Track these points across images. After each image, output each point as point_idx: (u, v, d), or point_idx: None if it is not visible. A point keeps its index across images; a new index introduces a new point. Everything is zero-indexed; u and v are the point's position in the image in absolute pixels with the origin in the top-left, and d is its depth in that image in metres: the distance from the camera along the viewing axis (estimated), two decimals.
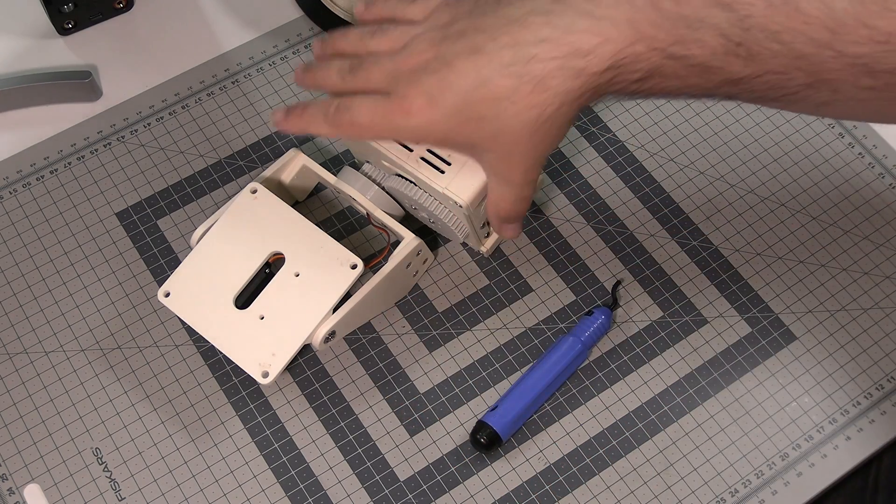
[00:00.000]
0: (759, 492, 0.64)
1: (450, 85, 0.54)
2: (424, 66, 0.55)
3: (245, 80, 0.79)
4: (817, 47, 0.49)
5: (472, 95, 0.54)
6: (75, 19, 0.80)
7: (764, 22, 0.50)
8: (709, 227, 0.73)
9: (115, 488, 0.64)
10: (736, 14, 0.50)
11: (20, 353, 0.68)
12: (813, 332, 0.69)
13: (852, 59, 0.49)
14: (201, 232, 0.66)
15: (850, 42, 0.49)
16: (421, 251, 0.67)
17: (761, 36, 0.50)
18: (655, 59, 0.51)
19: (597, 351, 0.68)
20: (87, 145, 0.76)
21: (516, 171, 0.57)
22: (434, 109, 0.55)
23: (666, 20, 0.51)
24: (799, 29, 0.49)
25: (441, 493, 0.64)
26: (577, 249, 0.72)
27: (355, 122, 0.58)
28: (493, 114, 0.54)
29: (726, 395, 0.67)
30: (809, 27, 0.49)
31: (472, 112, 0.54)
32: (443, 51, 0.55)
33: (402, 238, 0.66)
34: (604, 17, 0.51)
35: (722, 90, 0.53)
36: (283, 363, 0.63)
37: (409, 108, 0.56)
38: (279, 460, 0.65)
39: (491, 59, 0.53)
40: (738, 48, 0.50)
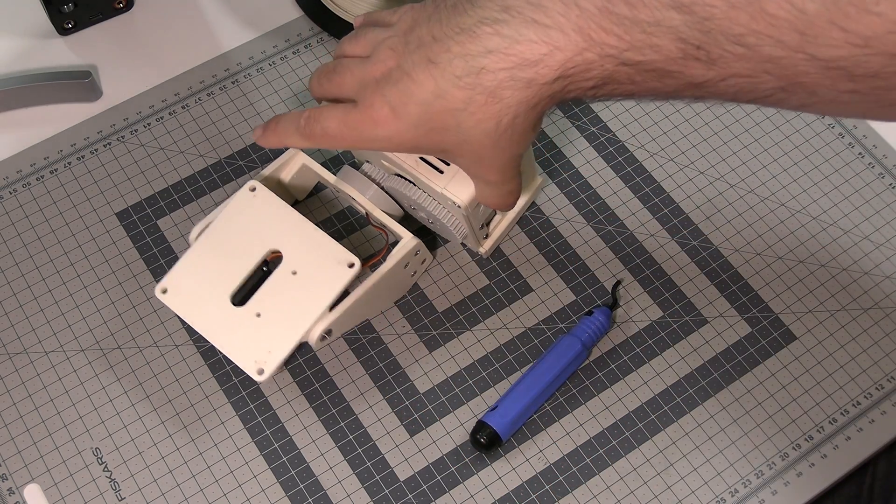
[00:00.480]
0: (759, 492, 0.64)
1: (411, 96, 0.54)
2: (388, 75, 0.55)
3: (245, 80, 0.79)
4: (787, 50, 0.46)
5: (432, 107, 0.54)
6: (75, 19, 0.80)
7: (725, 24, 0.47)
8: (709, 227, 0.73)
9: (115, 488, 0.64)
10: (695, 17, 0.47)
11: (20, 353, 0.68)
12: (813, 332, 0.69)
13: (827, 63, 0.46)
14: (199, 229, 0.66)
15: (823, 45, 0.45)
16: (419, 251, 0.67)
17: (722, 39, 0.47)
18: (608, 65, 0.50)
19: (597, 351, 0.68)
20: (87, 145, 0.76)
21: (491, 174, 0.58)
22: (399, 120, 0.55)
23: (618, 25, 0.49)
24: (765, 31, 0.46)
25: (441, 493, 0.64)
26: (577, 249, 0.72)
27: (326, 132, 0.58)
28: (454, 124, 0.54)
29: (726, 395, 0.67)
30: (776, 29, 0.46)
31: (435, 123, 0.54)
32: (403, 60, 0.55)
33: (401, 238, 0.66)
34: (551, 25, 0.50)
35: (686, 93, 0.50)
36: (278, 360, 0.63)
37: (376, 118, 0.56)
38: (279, 460, 0.65)
39: (444, 71, 0.53)
40: (697, 52, 0.48)
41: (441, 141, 0.56)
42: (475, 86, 0.52)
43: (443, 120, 0.54)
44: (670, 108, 0.78)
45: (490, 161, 0.56)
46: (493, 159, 0.56)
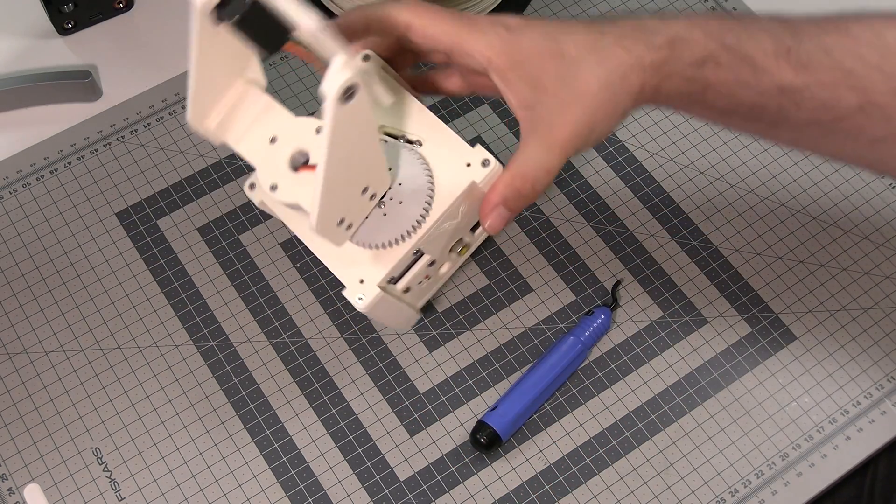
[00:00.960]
0: (759, 492, 0.64)
1: (544, 22, 0.57)
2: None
3: None
4: (866, 67, 0.53)
5: (560, 34, 0.56)
6: (75, 19, 0.80)
7: (815, 35, 0.54)
8: (709, 227, 0.73)
9: (115, 488, 0.64)
10: (789, 25, 0.55)
11: (20, 353, 0.68)
12: (813, 332, 0.69)
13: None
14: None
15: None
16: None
17: (811, 46, 0.54)
18: (711, 45, 0.55)
19: (597, 351, 0.68)
20: (87, 145, 0.76)
21: (564, 130, 0.56)
22: (528, 26, 0.56)
23: (719, 19, 0.56)
24: (848, 46, 0.53)
25: (441, 493, 0.64)
26: (577, 249, 0.72)
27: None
28: (572, 55, 0.55)
29: (726, 395, 0.67)
30: (859, 46, 0.53)
31: (557, 47, 0.56)
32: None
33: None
34: (666, 16, 0.57)
35: (773, 101, 0.55)
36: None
37: (506, 20, 0.56)
38: (279, 460, 0.65)
39: (574, 26, 0.57)
40: (788, 54, 0.54)
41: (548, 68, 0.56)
42: (604, 32, 0.56)
43: (565, 47, 0.56)
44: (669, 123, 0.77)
45: (573, 117, 0.56)
46: (578, 115, 0.56)
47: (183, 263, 0.71)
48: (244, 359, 0.68)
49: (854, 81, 0.53)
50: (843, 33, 0.54)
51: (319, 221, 0.52)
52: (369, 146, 0.54)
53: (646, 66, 0.55)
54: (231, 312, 0.69)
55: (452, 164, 0.57)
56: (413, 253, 0.57)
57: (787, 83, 0.54)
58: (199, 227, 0.73)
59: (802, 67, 0.54)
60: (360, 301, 0.56)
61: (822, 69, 0.53)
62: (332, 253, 0.57)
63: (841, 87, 0.53)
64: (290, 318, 0.69)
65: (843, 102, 0.54)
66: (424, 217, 0.56)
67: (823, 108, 0.54)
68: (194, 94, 0.54)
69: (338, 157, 0.51)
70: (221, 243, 0.72)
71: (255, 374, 0.67)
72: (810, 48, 0.54)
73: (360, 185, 0.54)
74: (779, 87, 0.55)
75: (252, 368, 0.68)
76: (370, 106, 0.52)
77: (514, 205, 0.57)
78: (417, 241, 0.56)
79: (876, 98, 0.53)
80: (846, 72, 0.53)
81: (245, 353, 0.68)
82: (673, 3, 0.83)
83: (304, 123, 0.56)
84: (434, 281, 0.61)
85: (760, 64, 0.54)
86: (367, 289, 0.56)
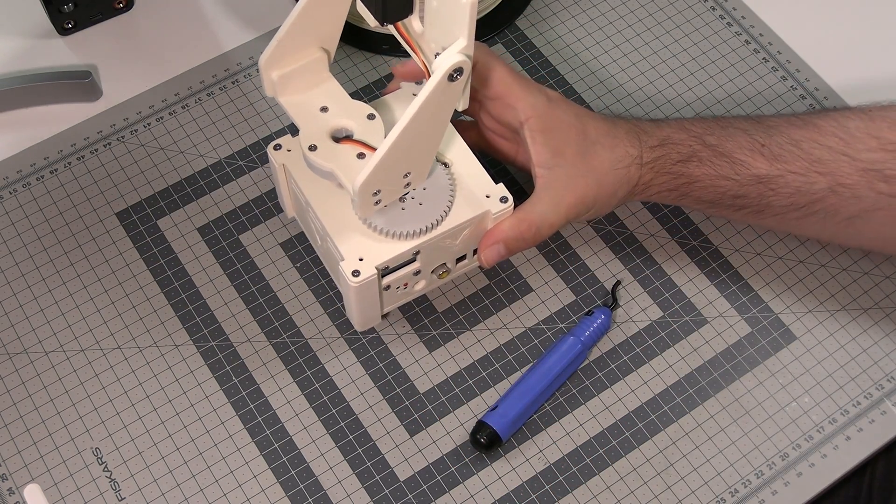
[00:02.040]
0: (759, 492, 0.64)
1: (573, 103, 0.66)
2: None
3: (245, 80, 0.79)
4: (832, 153, 0.61)
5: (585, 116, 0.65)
6: (75, 19, 0.80)
7: (784, 131, 0.63)
8: (709, 227, 0.73)
9: (115, 488, 0.64)
10: (762, 124, 0.64)
11: (20, 353, 0.68)
12: (813, 332, 0.69)
13: (865, 165, 0.60)
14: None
15: (862, 150, 0.60)
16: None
17: (783, 140, 0.62)
18: (694, 143, 0.64)
19: (597, 351, 0.68)
20: (87, 145, 0.76)
21: (574, 195, 0.63)
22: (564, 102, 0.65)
23: (702, 122, 0.65)
24: (815, 139, 0.62)
25: (441, 493, 0.64)
26: (577, 249, 0.72)
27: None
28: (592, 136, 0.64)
29: (726, 395, 0.67)
30: (825, 137, 0.62)
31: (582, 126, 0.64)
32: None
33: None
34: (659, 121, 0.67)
35: (753, 189, 0.63)
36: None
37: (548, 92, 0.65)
38: (279, 460, 0.65)
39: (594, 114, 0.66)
40: (762, 148, 0.63)
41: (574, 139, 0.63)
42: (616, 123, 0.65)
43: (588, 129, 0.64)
44: (671, 108, 0.78)
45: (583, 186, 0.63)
46: (587, 186, 0.63)
47: (183, 263, 0.71)
48: (244, 359, 0.68)
49: (822, 168, 0.61)
50: (809, 127, 0.62)
51: (366, 182, 0.57)
52: (437, 132, 0.59)
53: (643, 163, 0.64)
54: (231, 312, 0.69)
55: (474, 190, 0.62)
56: (413, 253, 0.61)
57: (764, 173, 0.62)
58: (199, 227, 0.73)
59: (775, 159, 0.62)
60: (354, 276, 0.60)
61: (792, 159, 0.62)
62: (338, 226, 0.61)
63: (811, 173, 0.61)
64: (290, 318, 0.69)
65: (815, 186, 0.61)
66: (435, 225, 0.61)
67: (798, 192, 0.62)
68: (280, 41, 0.59)
69: (414, 128, 0.56)
70: (221, 243, 0.72)
71: (255, 374, 0.67)
72: (781, 141, 0.62)
73: (408, 167, 0.59)
74: (756, 177, 0.63)
75: (252, 368, 0.68)
76: (460, 96, 0.57)
77: (513, 245, 0.63)
78: (423, 241, 0.61)
79: (843, 180, 0.61)
80: (815, 160, 0.61)
81: (245, 353, 0.68)
82: (673, 3, 0.83)
83: (356, 105, 0.62)
84: (406, 293, 0.66)
85: (738, 158, 0.63)
86: (365, 267, 0.60)
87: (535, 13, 0.82)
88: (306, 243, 0.72)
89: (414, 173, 0.60)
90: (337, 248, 0.61)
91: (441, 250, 0.63)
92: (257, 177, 0.75)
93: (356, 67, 0.79)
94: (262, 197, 0.74)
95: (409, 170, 0.59)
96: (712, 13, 0.82)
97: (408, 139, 0.56)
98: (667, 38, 0.81)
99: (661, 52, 0.80)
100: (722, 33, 0.81)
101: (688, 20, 0.82)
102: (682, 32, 0.81)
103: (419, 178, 0.61)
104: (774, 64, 0.79)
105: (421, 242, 0.61)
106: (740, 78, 0.79)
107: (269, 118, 0.77)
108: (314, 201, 0.62)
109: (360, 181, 0.57)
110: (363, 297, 0.62)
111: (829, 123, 0.62)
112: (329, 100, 0.62)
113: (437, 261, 0.64)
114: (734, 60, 0.80)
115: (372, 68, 0.79)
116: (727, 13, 0.82)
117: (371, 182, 0.57)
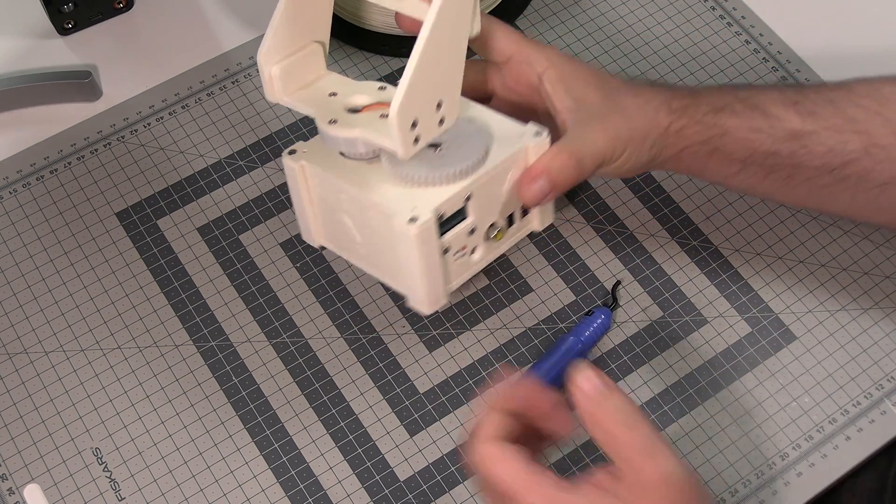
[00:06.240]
0: (759, 492, 0.64)
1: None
2: None
3: (245, 80, 0.79)
4: (867, 114, 0.60)
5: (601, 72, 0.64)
6: (75, 19, 0.80)
7: (818, 91, 0.62)
8: (709, 227, 0.73)
9: (115, 488, 0.64)
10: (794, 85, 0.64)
11: (20, 353, 0.68)
12: (813, 332, 0.69)
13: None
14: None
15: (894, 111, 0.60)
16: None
17: (816, 98, 0.61)
18: (726, 96, 0.62)
19: (597, 351, 0.68)
20: (87, 145, 0.76)
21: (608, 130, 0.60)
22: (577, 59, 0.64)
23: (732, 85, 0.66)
24: (849, 98, 0.61)
25: (441, 493, 0.64)
26: (577, 249, 0.72)
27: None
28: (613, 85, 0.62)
29: (726, 395, 0.67)
30: (859, 98, 0.61)
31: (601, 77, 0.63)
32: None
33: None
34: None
35: (786, 146, 0.61)
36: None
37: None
38: (279, 460, 0.65)
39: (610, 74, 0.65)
40: (796, 105, 0.61)
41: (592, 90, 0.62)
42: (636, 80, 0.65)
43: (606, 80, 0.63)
44: None
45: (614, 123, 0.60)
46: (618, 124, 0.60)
47: (183, 263, 0.71)
48: (244, 359, 0.68)
49: (857, 126, 0.60)
50: (843, 89, 0.61)
51: (401, 105, 0.53)
52: (457, 54, 0.56)
53: (673, 108, 0.62)
54: (231, 312, 0.70)
55: (506, 131, 0.60)
56: (464, 198, 0.58)
57: (797, 128, 0.61)
58: (199, 227, 0.73)
59: (809, 115, 0.60)
60: (411, 223, 0.55)
61: (826, 116, 0.60)
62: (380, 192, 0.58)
63: (846, 131, 0.60)
64: (290, 318, 0.69)
65: (849, 146, 0.60)
66: (479, 163, 0.58)
67: (832, 152, 0.60)
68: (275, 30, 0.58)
69: (435, 44, 0.53)
70: (221, 243, 0.72)
71: (255, 374, 0.67)
72: (815, 99, 0.61)
73: (438, 94, 0.56)
74: (789, 133, 0.61)
75: (252, 368, 0.68)
76: (472, 10, 0.56)
77: (556, 176, 0.59)
78: (471, 181, 0.57)
79: (879, 140, 0.59)
80: (849, 118, 0.60)
81: (245, 353, 0.68)
82: (673, 3, 0.83)
83: (364, 84, 0.61)
84: (465, 264, 0.60)
85: (771, 112, 0.61)
86: (421, 212, 0.56)
87: (535, 13, 0.82)
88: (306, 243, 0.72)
89: (445, 104, 0.56)
90: (384, 211, 0.57)
91: (490, 201, 0.59)
92: (257, 177, 0.75)
93: (356, 67, 0.79)
94: (262, 197, 0.74)
95: (440, 97, 0.56)
96: (712, 13, 0.82)
97: (431, 57, 0.54)
98: (667, 38, 0.81)
99: (661, 52, 0.80)
100: (722, 33, 0.81)
101: (688, 20, 0.82)
102: (682, 32, 0.81)
103: (451, 111, 0.57)
104: (775, 64, 0.79)
105: (469, 183, 0.57)
106: (740, 78, 0.79)
107: (269, 118, 0.77)
108: (346, 180, 0.59)
109: (397, 105, 0.53)
110: (427, 254, 0.57)
111: (863, 87, 0.61)
112: (336, 86, 0.61)
113: (488, 216, 0.60)
114: (734, 60, 0.80)
115: (372, 68, 0.79)
116: (727, 13, 0.82)
117: (407, 107, 0.54)
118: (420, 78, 0.54)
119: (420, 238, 0.56)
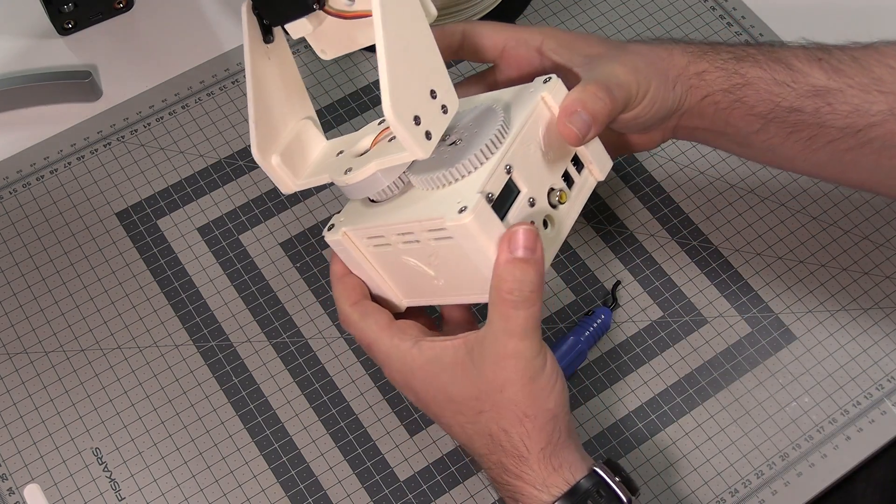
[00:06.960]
0: (759, 492, 0.64)
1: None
2: None
3: (245, 80, 0.79)
4: (894, 74, 0.58)
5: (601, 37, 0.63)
6: (75, 19, 0.80)
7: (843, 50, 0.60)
8: (709, 227, 0.73)
9: (115, 488, 0.64)
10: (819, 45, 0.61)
11: (20, 353, 0.68)
12: (813, 332, 0.69)
13: None
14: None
15: None
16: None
17: (842, 56, 0.60)
18: (749, 48, 0.61)
19: (597, 351, 0.68)
20: (87, 145, 0.76)
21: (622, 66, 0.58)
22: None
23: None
24: (876, 57, 0.59)
25: (441, 493, 0.64)
26: (577, 249, 0.72)
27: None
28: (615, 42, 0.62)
29: (726, 395, 0.67)
30: (885, 58, 0.59)
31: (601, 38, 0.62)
32: None
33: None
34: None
35: (808, 103, 0.59)
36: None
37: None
38: (279, 460, 0.65)
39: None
40: (820, 62, 0.59)
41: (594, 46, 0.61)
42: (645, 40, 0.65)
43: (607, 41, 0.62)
44: None
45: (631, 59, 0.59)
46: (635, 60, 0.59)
47: (183, 263, 0.71)
48: (244, 359, 0.68)
49: (883, 87, 0.58)
50: (869, 49, 0.60)
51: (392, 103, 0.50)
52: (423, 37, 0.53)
53: (688, 50, 0.60)
54: (231, 312, 0.70)
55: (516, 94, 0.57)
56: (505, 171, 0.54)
57: (822, 85, 0.59)
58: (199, 227, 0.73)
59: (834, 71, 0.59)
60: (462, 213, 0.51)
61: (852, 73, 0.59)
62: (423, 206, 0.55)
63: (872, 91, 0.58)
64: (290, 318, 0.69)
65: (874, 107, 0.58)
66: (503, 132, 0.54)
67: (857, 112, 0.58)
68: (255, 123, 0.58)
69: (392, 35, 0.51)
70: (221, 243, 0.72)
71: (255, 374, 0.67)
72: (840, 57, 0.59)
73: (425, 84, 0.53)
74: (813, 88, 0.59)
75: (252, 368, 0.68)
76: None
77: (592, 106, 0.56)
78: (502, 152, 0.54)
79: None
80: (875, 78, 0.58)
81: (245, 353, 0.68)
82: (673, 3, 0.83)
83: (366, 128, 0.59)
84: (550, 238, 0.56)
85: (795, 65, 0.59)
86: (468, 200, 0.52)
87: (535, 13, 0.82)
88: (306, 243, 0.72)
89: (440, 91, 0.53)
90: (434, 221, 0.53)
91: (534, 166, 0.55)
92: (257, 177, 0.75)
93: (356, 67, 0.79)
94: (261, 197, 0.74)
95: (429, 86, 0.53)
96: (712, 13, 0.82)
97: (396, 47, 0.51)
98: (667, 38, 0.81)
99: None
100: (722, 33, 0.81)
101: (688, 20, 0.82)
102: (683, 32, 0.81)
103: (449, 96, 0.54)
104: None
105: (502, 154, 0.53)
106: None
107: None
108: (388, 218, 0.56)
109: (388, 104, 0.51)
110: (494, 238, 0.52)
111: (890, 48, 0.59)
112: (340, 146, 0.59)
113: (541, 182, 0.56)
114: None
115: (372, 68, 0.79)
116: (727, 13, 0.82)
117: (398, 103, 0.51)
118: (395, 71, 0.51)
119: (478, 223, 0.52)
